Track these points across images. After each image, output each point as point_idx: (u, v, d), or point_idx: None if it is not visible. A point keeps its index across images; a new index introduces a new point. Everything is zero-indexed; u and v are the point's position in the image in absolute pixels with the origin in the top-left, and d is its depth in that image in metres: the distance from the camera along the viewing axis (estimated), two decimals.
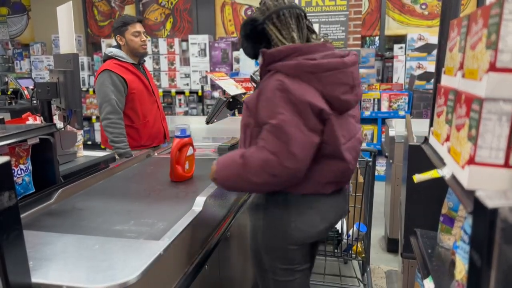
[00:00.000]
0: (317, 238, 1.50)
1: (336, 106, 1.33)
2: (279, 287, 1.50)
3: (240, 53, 5.34)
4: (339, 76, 1.32)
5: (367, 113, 4.84)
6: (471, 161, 0.73)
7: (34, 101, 1.87)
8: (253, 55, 1.46)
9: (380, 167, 4.96)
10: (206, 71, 5.55)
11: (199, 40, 5.58)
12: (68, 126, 1.83)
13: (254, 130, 1.35)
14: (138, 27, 2.59)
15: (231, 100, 2.35)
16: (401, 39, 5.46)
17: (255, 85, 2.29)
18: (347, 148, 1.39)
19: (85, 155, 2.37)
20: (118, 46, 2.63)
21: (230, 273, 1.79)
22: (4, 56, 6.68)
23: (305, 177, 1.34)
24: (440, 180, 0.94)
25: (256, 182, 1.28)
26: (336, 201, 1.49)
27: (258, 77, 2.26)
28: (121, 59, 2.59)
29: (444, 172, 0.92)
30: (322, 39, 1.44)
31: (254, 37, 1.40)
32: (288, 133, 1.23)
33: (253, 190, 1.50)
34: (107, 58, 2.62)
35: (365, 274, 2.58)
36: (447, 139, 0.94)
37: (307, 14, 1.46)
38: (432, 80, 3.62)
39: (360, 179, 2.75)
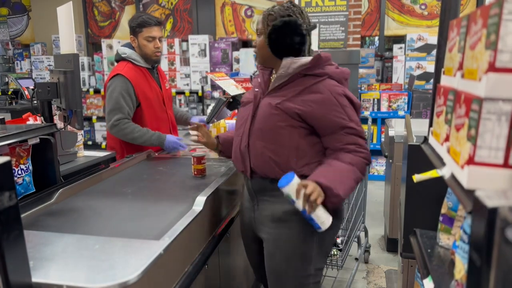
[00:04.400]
0: None
1: None
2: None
3: (240, 53, 5.34)
4: None
5: (366, 113, 4.84)
6: (471, 161, 0.73)
7: (35, 101, 1.87)
8: (283, 52, 1.45)
9: (380, 167, 4.96)
10: (206, 71, 5.55)
11: (199, 40, 5.58)
12: (69, 126, 1.83)
13: (302, 130, 1.43)
14: (155, 32, 2.33)
15: (231, 100, 2.35)
16: (400, 39, 5.46)
17: None
18: None
19: (85, 155, 2.37)
20: (131, 46, 2.42)
21: (230, 273, 1.79)
22: (5, 57, 6.68)
23: None
24: (440, 180, 0.94)
25: (361, 177, 1.46)
26: None
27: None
28: (135, 62, 2.37)
29: (444, 172, 0.92)
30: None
31: (294, 36, 1.42)
32: (361, 131, 1.48)
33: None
34: (120, 59, 2.40)
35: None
36: (447, 139, 0.94)
37: (308, 15, 1.52)
38: (432, 80, 3.61)
39: None
